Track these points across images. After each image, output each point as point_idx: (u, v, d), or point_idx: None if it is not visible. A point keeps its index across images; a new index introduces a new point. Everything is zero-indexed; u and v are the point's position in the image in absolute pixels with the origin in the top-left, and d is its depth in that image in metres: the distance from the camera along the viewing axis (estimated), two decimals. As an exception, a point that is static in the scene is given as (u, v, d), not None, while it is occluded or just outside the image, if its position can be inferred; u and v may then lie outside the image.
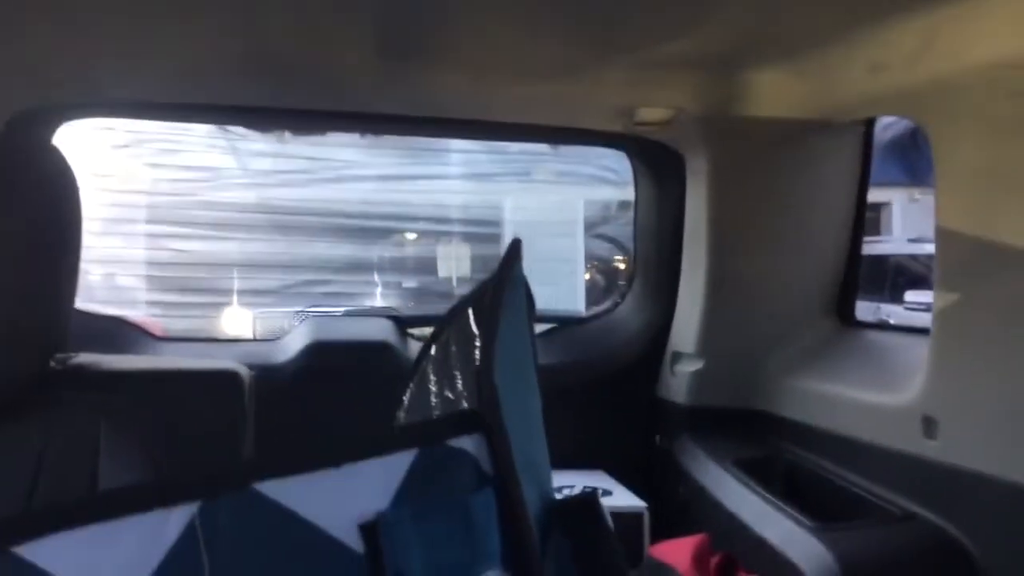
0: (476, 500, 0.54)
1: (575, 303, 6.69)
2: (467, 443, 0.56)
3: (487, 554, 0.54)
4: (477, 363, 0.63)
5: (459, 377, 0.77)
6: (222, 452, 1.22)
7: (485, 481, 0.55)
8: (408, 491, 0.54)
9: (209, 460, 1.20)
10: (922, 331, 1.58)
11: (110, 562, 0.51)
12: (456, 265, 7.48)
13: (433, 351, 0.87)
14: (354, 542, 0.53)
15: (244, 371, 1.27)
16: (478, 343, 0.68)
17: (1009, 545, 1.32)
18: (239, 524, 0.53)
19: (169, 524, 0.52)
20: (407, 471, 0.55)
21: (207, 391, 1.24)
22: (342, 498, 0.54)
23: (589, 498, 0.62)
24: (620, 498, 1.96)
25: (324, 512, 0.53)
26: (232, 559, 0.52)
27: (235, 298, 6.83)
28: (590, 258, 7.79)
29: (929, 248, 1.53)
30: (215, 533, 0.52)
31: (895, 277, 7.79)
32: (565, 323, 2.41)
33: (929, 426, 1.45)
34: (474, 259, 7.38)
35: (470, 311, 0.78)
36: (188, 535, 0.52)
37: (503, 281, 0.70)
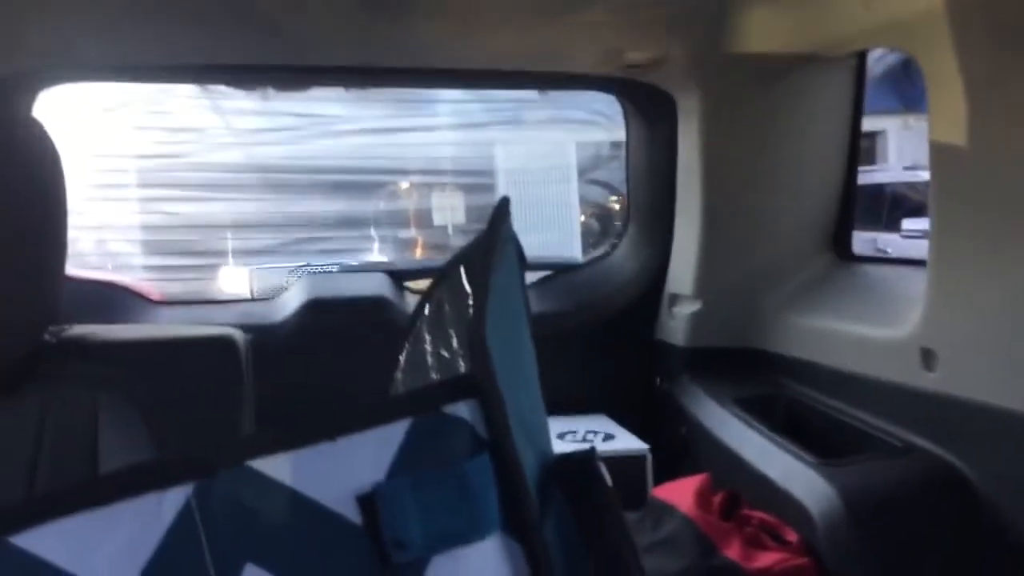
0: (473, 466, 0.54)
1: (571, 249, 6.67)
2: (462, 409, 0.55)
3: (486, 520, 0.54)
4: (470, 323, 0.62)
5: (454, 336, 0.77)
6: (222, 418, 1.22)
7: (481, 446, 0.55)
8: (404, 461, 0.54)
9: (210, 427, 1.20)
10: (919, 263, 1.57)
11: (108, 547, 0.51)
12: (451, 214, 7.44)
13: (427, 310, 0.86)
14: (352, 514, 0.53)
15: (240, 335, 1.27)
16: (471, 302, 0.67)
17: (1008, 473, 1.34)
18: (236, 502, 0.52)
19: (165, 506, 0.52)
20: (402, 441, 0.54)
21: (204, 358, 1.24)
22: (338, 471, 0.53)
23: (586, 455, 0.62)
24: (622, 441, 1.98)
25: (321, 486, 0.53)
26: (231, 538, 0.52)
27: (230, 258, 6.80)
28: (585, 203, 7.74)
29: (924, 175, 1.52)
30: (212, 512, 0.52)
31: (892, 206, 7.78)
32: (562, 270, 2.40)
33: (928, 358, 1.46)
34: (469, 208, 7.34)
35: (462, 269, 0.77)
36: (185, 516, 0.52)
37: (493, 240, 0.68)
